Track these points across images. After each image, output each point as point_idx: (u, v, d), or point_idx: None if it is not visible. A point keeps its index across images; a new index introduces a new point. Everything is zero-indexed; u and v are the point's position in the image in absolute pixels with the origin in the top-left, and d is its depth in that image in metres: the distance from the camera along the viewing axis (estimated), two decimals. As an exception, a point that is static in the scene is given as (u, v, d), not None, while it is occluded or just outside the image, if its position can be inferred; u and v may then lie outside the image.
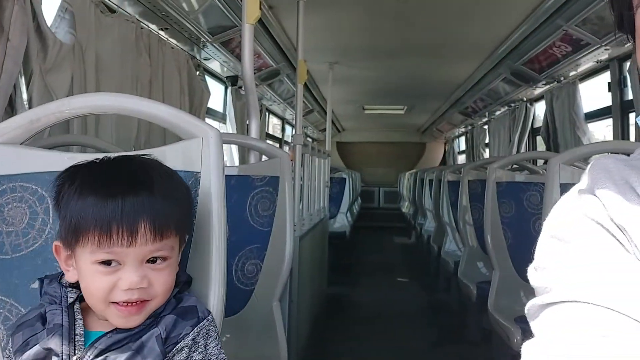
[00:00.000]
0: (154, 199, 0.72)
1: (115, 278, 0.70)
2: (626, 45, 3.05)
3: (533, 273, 0.47)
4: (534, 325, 0.44)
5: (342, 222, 5.81)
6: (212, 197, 0.88)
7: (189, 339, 0.73)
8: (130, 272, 0.70)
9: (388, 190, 10.58)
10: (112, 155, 0.80)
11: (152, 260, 0.72)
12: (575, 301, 0.41)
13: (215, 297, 0.85)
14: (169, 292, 0.75)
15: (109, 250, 0.70)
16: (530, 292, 0.46)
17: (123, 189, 0.71)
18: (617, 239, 0.43)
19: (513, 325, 1.94)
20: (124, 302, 0.71)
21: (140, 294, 0.71)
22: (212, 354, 0.75)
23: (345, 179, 6.12)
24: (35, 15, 1.77)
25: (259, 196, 1.70)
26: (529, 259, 0.48)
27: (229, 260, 0.94)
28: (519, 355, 0.42)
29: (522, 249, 2.25)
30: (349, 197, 6.19)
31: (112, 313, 0.72)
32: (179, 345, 0.73)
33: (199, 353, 0.74)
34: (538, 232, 0.49)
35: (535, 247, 0.48)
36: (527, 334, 0.41)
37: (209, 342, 0.75)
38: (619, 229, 0.43)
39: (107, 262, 0.71)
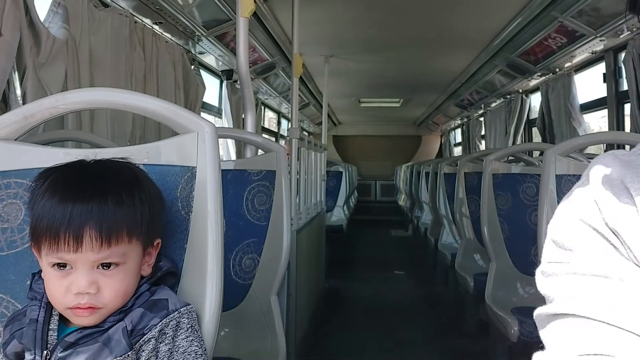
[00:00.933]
0: (105, 206, 0.73)
1: (68, 282, 0.73)
2: (621, 36, 3.05)
3: (540, 278, 0.47)
4: (542, 334, 0.45)
5: (339, 215, 5.82)
6: (208, 191, 0.87)
7: (156, 330, 0.74)
8: (80, 276, 0.72)
9: (385, 184, 10.60)
10: (90, 157, 0.81)
11: (107, 265, 0.74)
12: (575, 315, 0.41)
13: (212, 292, 0.84)
14: (124, 296, 0.76)
15: (57, 256, 0.72)
16: (527, 284, 0.47)
17: (75, 196, 0.73)
18: (612, 244, 0.43)
19: (510, 316, 1.94)
20: (75, 307, 0.73)
21: (90, 299, 0.72)
22: (179, 345, 0.75)
23: (341, 172, 6.12)
24: (28, 10, 1.75)
25: (255, 190, 1.70)
26: (526, 250, 0.48)
27: (226, 254, 0.94)
28: (515, 346, 0.42)
29: (518, 240, 2.25)
30: (346, 191, 6.20)
31: (69, 313, 0.74)
32: (145, 336, 0.74)
33: (165, 344, 0.74)
34: (534, 224, 0.49)
35: (532, 239, 0.49)
36: (524, 325, 0.41)
37: (178, 333, 0.75)
38: (613, 233, 0.43)
39: (62, 265, 0.73)
